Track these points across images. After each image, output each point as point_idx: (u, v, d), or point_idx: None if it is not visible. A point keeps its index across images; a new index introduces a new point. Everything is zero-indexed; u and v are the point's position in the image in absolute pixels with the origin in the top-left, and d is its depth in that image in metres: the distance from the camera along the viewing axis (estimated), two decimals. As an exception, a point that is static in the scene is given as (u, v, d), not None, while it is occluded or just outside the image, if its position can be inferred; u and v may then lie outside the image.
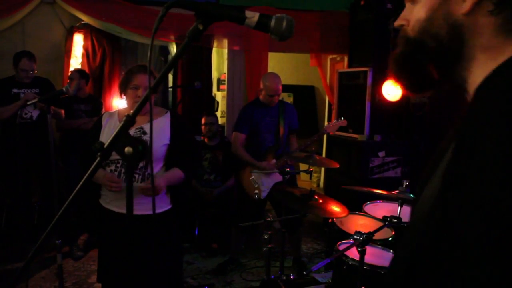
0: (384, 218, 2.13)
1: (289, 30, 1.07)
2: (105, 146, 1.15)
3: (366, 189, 2.85)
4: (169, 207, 2.79)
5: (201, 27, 1.06)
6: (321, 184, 7.78)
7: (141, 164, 2.56)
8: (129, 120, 1.13)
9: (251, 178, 4.10)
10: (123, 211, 2.43)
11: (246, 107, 4.33)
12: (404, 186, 2.50)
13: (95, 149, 1.14)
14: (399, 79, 0.96)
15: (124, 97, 2.71)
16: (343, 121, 4.04)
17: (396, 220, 2.08)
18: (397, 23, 0.94)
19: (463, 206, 0.65)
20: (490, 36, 0.80)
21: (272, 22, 1.06)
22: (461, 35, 0.83)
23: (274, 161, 4.08)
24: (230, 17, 1.08)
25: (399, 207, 2.35)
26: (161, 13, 1.05)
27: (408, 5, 0.93)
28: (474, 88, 0.82)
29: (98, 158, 1.15)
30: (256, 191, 3.45)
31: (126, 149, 1.15)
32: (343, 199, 3.11)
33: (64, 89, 2.58)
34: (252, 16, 1.06)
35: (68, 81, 5.39)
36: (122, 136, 1.15)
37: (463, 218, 0.65)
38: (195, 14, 1.06)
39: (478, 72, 0.82)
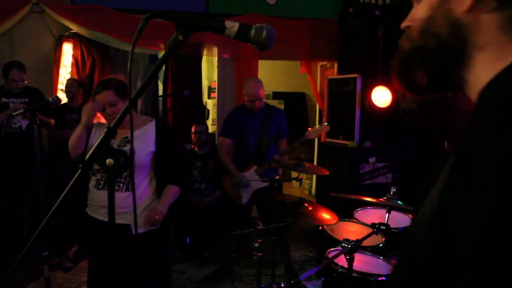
0: (373, 225, 2.13)
1: (269, 40, 1.07)
2: (86, 158, 1.14)
3: (354, 197, 2.85)
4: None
5: (181, 38, 1.06)
6: (313, 191, 7.77)
7: (125, 173, 2.54)
8: (109, 132, 1.12)
9: (233, 183, 4.10)
10: None
11: (232, 112, 4.36)
12: (391, 193, 2.50)
13: (76, 161, 1.14)
14: (400, 80, 0.92)
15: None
16: (325, 127, 3.98)
17: (384, 227, 2.08)
18: (403, 24, 0.91)
19: (462, 217, 0.64)
20: (493, 35, 0.77)
21: (252, 32, 1.06)
22: (463, 34, 0.80)
23: (255, 167, 4.05)
24: (210, 27, 1.08)
25: (387, 214, 2.35)
26: (141, 24, 1.05)
27: (414, 5, 0.90)
28: (475, 91, 0.79)
29: (80, 170, 1.15)
30: (238, 197, 3.49)
31: (108, 160, 1.15)
32: (335, 205, 3.11)
33: (50, 99, 2.57)
34: (232, 26, 1.06)
35: (61, 89, 5.39)
36: (103, 148, 1.14)
37: (462, 230, 0.63)
38: (175, 25, 1.06)
39: (481, 74, 0.79)
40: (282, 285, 3.11)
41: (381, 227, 2.09)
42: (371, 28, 5.09)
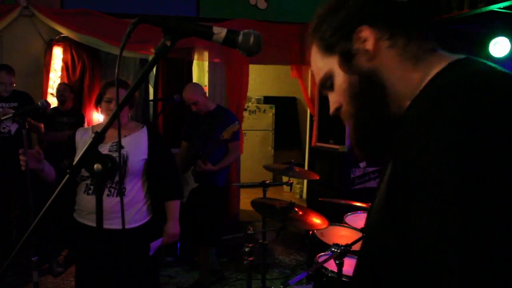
0: (362, 229, 2.14)
1: (256, 46, 1.08)
2: (74, 163, 1.14)
3: (344, 201, 2.86)
4: (146, 219, 2.73)
5: (168, 44, 1.06)
6: (304, 195, 7.79)
7: (116, 178, 2.52)
8: (97, 137, 1.12)
9: None
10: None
11: (188, 115, 4.45)
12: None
13: (64, 166, 1.13)
14: (365, 148, 1.00)
15: (100, 110, 2.71)
16: (235, 126, 3.88)
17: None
18: (332, 111, 1.04)
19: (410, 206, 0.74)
20: (399, 67, 0.91)
21: (240, 38, 1.07)
22: (377, 78, 0.92)
23: (192, 168, 4.05)
24: (197, 33, 1.08)
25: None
26: (129, 29, 1.05)
27: (329, 94, 1.05)
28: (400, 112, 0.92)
29: (67, 176, 1.14)
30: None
31: (95, 166, 1.14)
32: (325, 210, 3.11)
33: (39, 103, 2.55)
34: (220, 32, 1.06)
35: (51, 93, 5.36)
36: (91, 153, 1.14)
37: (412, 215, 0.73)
38: (162, 30, 1.06)
39: (405, 101, 0.90)
40: (272, 289, 3.11)
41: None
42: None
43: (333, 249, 2.05)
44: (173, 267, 4.74)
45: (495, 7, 4.04)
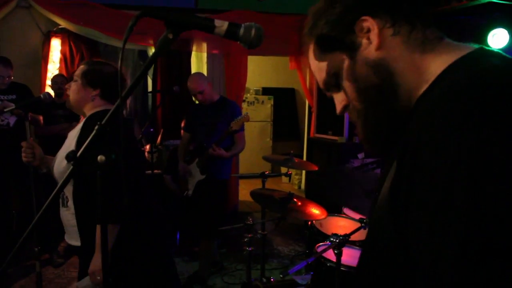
0: (361, 220, 2.17)
1: (257, 39, 1.09)
2: (78, 154, 1.16)
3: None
4: (78, 243, 2.21)
5: (170, 36, 1.07)
6: (303, 185, 7.82)
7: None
8: (101, 128, 1.13)
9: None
10: None
11: (190, 106, 4.46)
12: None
13: (68, 158, 1.15)
14: (377, 144, 0.97)
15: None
16: (245, 117, 3.86)
17: (371, 222, 2.12)
18: (339, 111, 1.02)
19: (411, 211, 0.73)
20: (407, 55, 0.89)
21: (241, 31, 1.08)
22: (385, 68, 0.89)
23: (197, 160, 4.05)
24: (199, 26, 1.09)
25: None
26: (131, 23, 1.06)
27: (335, 94, 1.02)
28: (410, 102, 0.89)
29: (71, 167, 1.16)
30: (187, 188, 3.60)
31: (99, 157, 1.16)
32: (324, 200, 3.14)
33: (41, 96, 2.56)
34: (221, 25, 1.08)
35: (49, 85, 5.36)
36: (94, 145, 1.15)
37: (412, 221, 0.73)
38: (164, 24, 1.07)
39: (415, 91, 0.88)
40: (272, 279, 3.15)
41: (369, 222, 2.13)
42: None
43: (332, 239, 2.07)
44: (173, 258, 4.75)
45: (493, -2, 4.05)
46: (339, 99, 1.00)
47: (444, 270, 0.64)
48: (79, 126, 2.20)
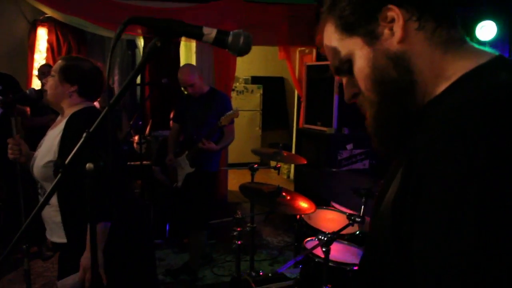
0: (349, 216, 2.19)
1: (246, 46, 1.08)
2: (66, 162, 1.15)
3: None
4: (61, 240, 2.18)
5: (159, 44, 1.06)
6: (291, 175, 7.85)
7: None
8: (89, 136, 1.13)
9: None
10: None
11: (180, 97, 4.44)
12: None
13: (56, 165, 1.14)
14: (386, 140, 0.94)
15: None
16: (235, 113, 3.86)
17: (359, 219, 2.14)
18: (348, 98, 0.98)
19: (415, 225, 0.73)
20: (428, 53, 0.86)
21: (230, 39, 1.07)
22: (406, 63, 0.86)
23: (186, 152, 4.03)
24: (188, 33, 1.08)
25: (363, 206, 2.40)
26: (119, 30, 1.04)
27: (345, 78, 0.97)
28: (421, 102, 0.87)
29: (59, 175, 1.15)
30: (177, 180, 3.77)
31: (88, 165, 1.16)
32: (312, 192, 3.15)
33: (27, 92, 2.52)
34: (210, 33, 1.07)
35: (36, 75, 5.29)
36: (82, 152, 1.14)
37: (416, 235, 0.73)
38: (153, 31, 1.07)
39: (429, 91, 0.86)
40: (261, 272, 3.17)
41: (356, 219, 2.15)
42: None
43: (320, 237, 2.09)
44: (162, 249, 4.78)
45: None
46: (350, 85, 0.96)
47: (449, 283, 0.65)
48: (61, 126, 2.17)
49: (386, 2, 0.85)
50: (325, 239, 2.06)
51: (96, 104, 2.69)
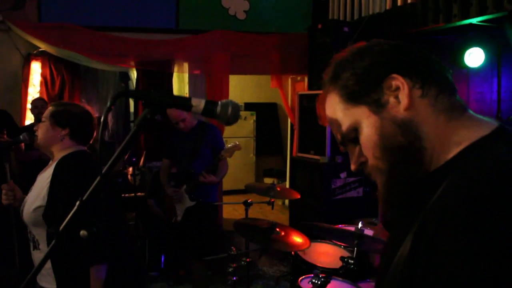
0: (342, 259, 2.20)
1: (234, 116, 1.10)
2: (60, 229, 1.17)
3: (327, 226, 2.92)
4: (51, 286, 2.14)
5: (149, 116, 1.09)
6: (286, 202, 7.85)
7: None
8: (81, 204, 1.15)
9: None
10: None
11: (168, 133, 4.40)
12: (359, 227, 2.56)
13: (50, 233, 1.16)
14: (397, 205, 0.95)
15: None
16: (237, 146, 3.94)
17: (352, 261, 2.15)
18: (355, 167, 0.99)
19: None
20: (433, 119, 0.88)
21: (218, 109, 1.09)
22: (413, 129, 0.88)
23: (184, 186, 4.03)
24: (177, 105, 1.12)
25: (355, 248, 2.41)
26: (109, 103, 1.07)
27: (351, 148, 0.98)
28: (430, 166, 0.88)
29: (53, 242, 1.17)
30: (176, 214, 3.76)
31: (81, 232, 1.17)
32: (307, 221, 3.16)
33: (21, 137, 2.54)
34: (198, 104, 1.09)
35: (29, 109, 5.29)
36: (76, 220, 1.16)
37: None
38: (143, 104, 1.10)
39: (436, 156, 0.87)
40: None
41: (349, 260, 2.17)
42: (340, 44, 5.16)
43: (314, 280, 2.10)
44: (158, 282, 4.75)
45: (468, 21, 4.14)
46: (356, 154, 0.96)
47: None
48: (50, 170, 2.18)
49: (389, 71, 0.88)
50: (319, 282, 2.07)
51: None
